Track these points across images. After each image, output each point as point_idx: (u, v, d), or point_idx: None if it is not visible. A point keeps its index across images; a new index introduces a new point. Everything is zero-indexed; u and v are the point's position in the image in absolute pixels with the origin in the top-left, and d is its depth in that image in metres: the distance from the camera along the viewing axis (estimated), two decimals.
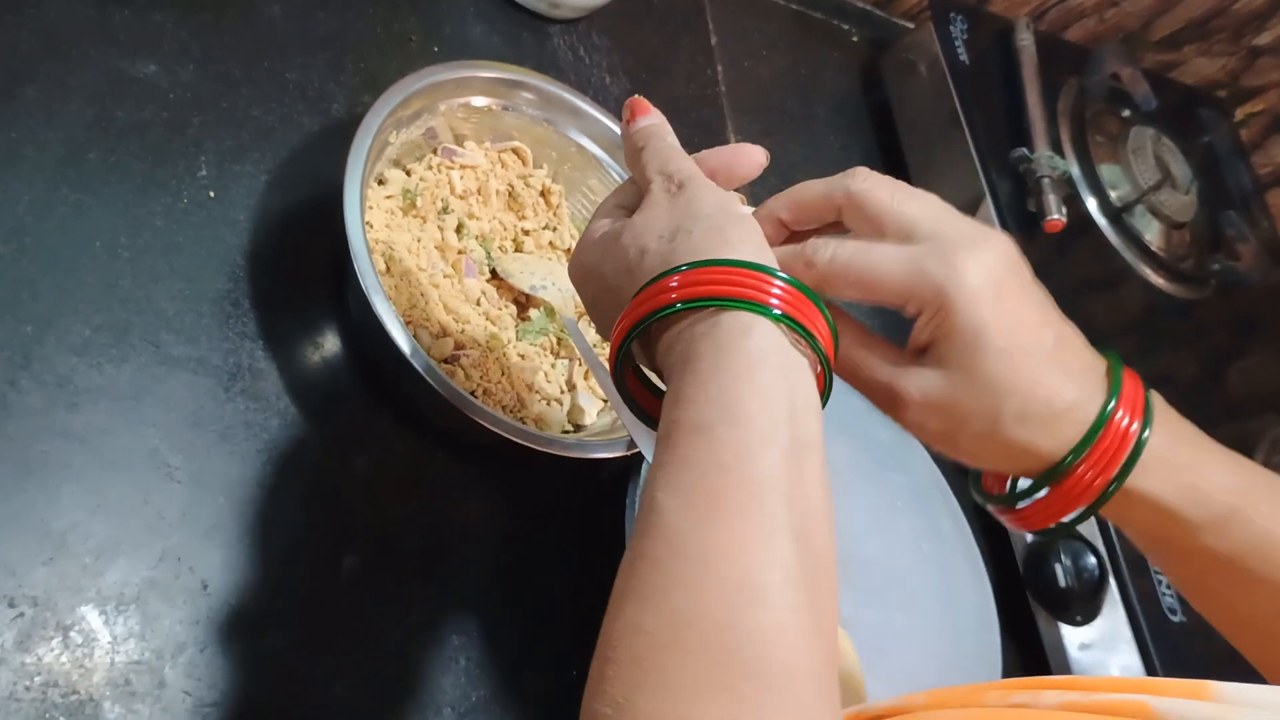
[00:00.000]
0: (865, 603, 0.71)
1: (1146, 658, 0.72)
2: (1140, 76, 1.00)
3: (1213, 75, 1.13)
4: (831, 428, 0.76)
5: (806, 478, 0.36)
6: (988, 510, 0.47)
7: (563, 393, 0.65)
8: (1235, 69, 1.12)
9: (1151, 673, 0.72)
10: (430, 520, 0.60)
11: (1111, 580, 0.74)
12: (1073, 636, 0.76)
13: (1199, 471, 0.42)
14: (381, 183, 0.64)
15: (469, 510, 0.62)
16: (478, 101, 0.67)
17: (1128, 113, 1.00)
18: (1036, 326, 0.41)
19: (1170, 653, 0.72)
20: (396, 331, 0.54)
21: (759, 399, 0.37)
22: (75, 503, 0.50)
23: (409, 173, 0.66)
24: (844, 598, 0.70)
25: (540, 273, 0.66)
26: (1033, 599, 0.78)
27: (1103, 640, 0.74)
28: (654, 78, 0.84)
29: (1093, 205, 0.93)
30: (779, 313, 0.38)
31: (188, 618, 0.51)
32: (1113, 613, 0.74)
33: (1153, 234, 0.94)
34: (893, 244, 0.41)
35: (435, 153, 0.67)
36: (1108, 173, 0.94)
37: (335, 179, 0.56)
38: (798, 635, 0.32)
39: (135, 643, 0.50)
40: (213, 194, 0.60)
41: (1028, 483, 0.44)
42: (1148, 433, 0.41)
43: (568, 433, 0.64)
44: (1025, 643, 0.78)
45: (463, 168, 0.67)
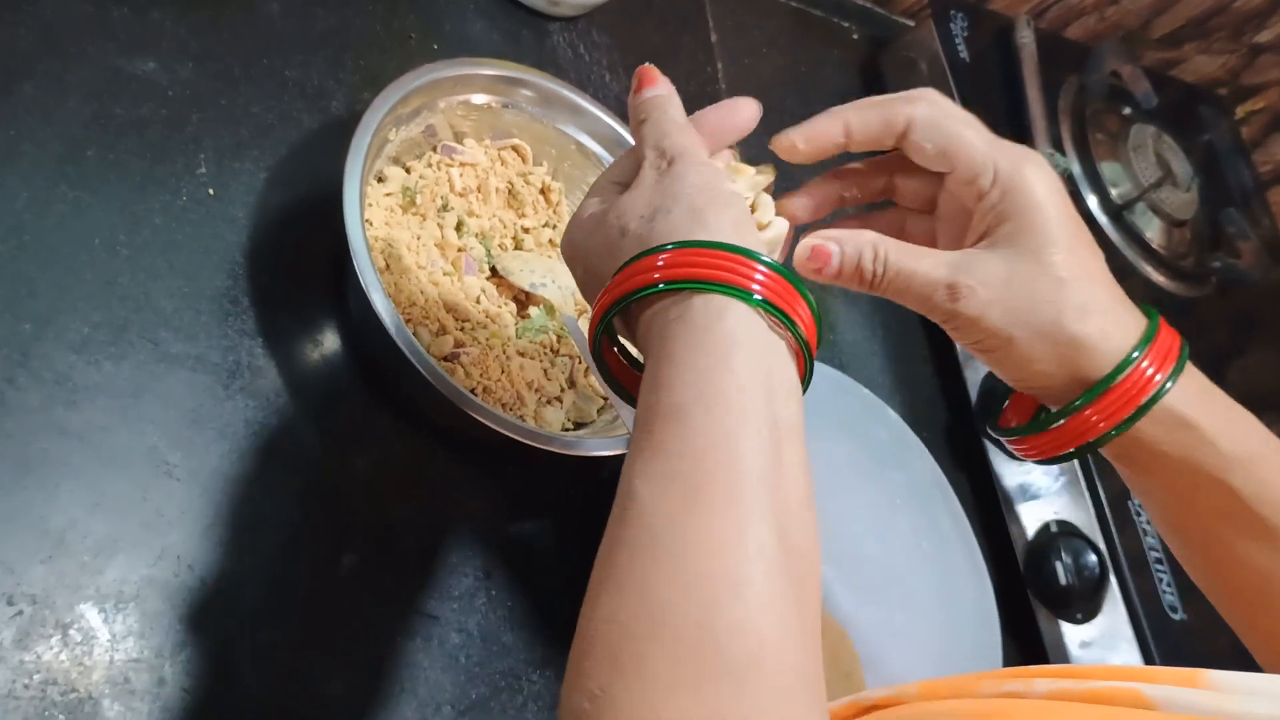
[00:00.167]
0: (865, 601, 0.71)
1: (1147, 655, 0.72)
2: (1141, 74, 1.00)
3: (1213, 73, 1.13)
4: (832, 427, 0.77)
5: (786, 461, 0.36)
6: (1002, 445, 0.48)
7: (563, 390, 0.65)
8: (1236, 67, 1.12)
9: None
10: (430, 518, 0.60)
11: (1112, 578, 0.74)
12: (1073, 634, 0.76)
13: (1235, 414, 0.43)
14: (381, 180, 0.64)
15: (469, 508, 0.62)
16: (477, 99, 0.67)
17: (1128, 110, 1.00)
18: (1089, 235, 0.43)
19: (1171, 650, 0.72)
20: (396, 329, 0.54)
21: (736, 382, 0.36)
22: (74, 500, 0.50)
23: (409, 170, 0.65)
24: (844, 596, 0.70)
25: (540, 270, 0.66)
26: (1033, 596, 0.78)
27: (1103, 638, 0.74)
28: None
29: (1093, 203, 0.93)
30: (759, 298, 0.38)
31: (187, 616, 0.51)
32: (1113, 610, 0.74)
33: (1153, 232, 0.94)
34: (976, 127, 0.44)
35: (435, 150, 0.67)
36: (1108, 170, 0.94)
37: (335, 176, 0.55)
38: (778, 627, 0.32)
39: (134, 641, 0.49)
40: (212, 191, 0.60)
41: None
42: (1170, 384, 0.42)
43: (568, 430, 0.64)
44: (1026, 640, 0.78)
45: (462, 165, 0.67)
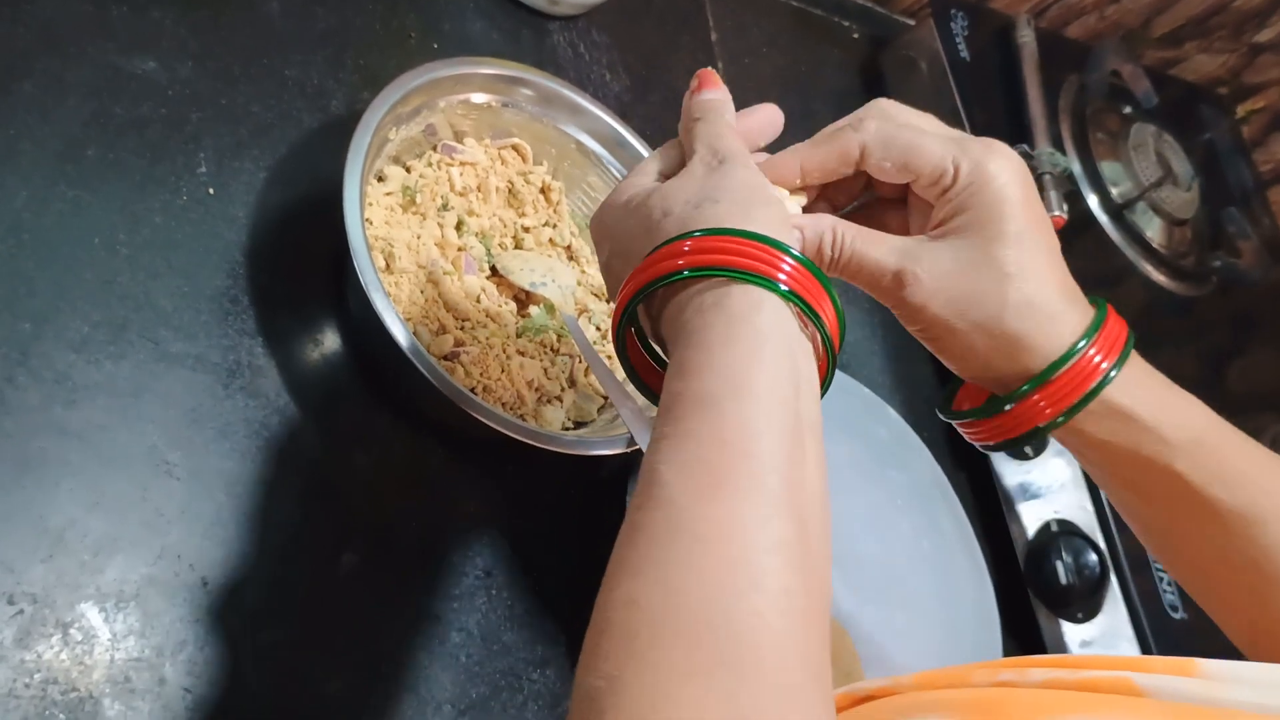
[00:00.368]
0: (866, 600, 0.71)
1: (1147, 654, 0.72)
2: (1141, 73, 1.00)
3: (1214, 72, 1.13)
4: (832, 427, 0.76)
5: (808, 458, 0.36)
6: (953, 426, 0.49)
7: (563, 390, 0.65)
8: (1236, 66, 1.12)
9: None
10: (430, 517, 0.60)
11: (1112, 577, 0.74)
12: (1074, 633, 0.76)
13: (1175, 400, 0.44)
14: (381, 179, 0.64)
15: (469, 507, 0.62)
16: (477, 98, 0.67)
17: (1129, 109, 1.00)
18: (1049, 230, 0.44)
19: (1171, 649, 0.72)
20: (396, 328, 0.54)
21: (766, 376, 0.37)
22: (74, 500, 0.50)
23: (409, 169, 0.65)
24: (845, 595, 0.70)
25: (540, 269, 0.66)
26: (1034, 596, 0.78)
27: (1104, 637, 0.74)
28: (654, 74, 0.84)
29: (1094, 202, 0.93)
30: (786, 289, 0.38)
31: (187, 615, 0.51)
32: (1114, 609, 0.74)
33: (1154, 231, 0.94)
34: (934, 130, 0.45)
35: (435, 149, 0.67)
36: (1109, 169, 0.94)
37: (335, 176, 0.55)
38: (792, 618, 0.32)
39: (135, 640, 0.49)
40: (212, 191, 0.60)
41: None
42: (1115, 372, 0.42)
43: (567, 430, 0.64)
44: (1026, 640, 0.78)
45: (462, 164, 0.67)
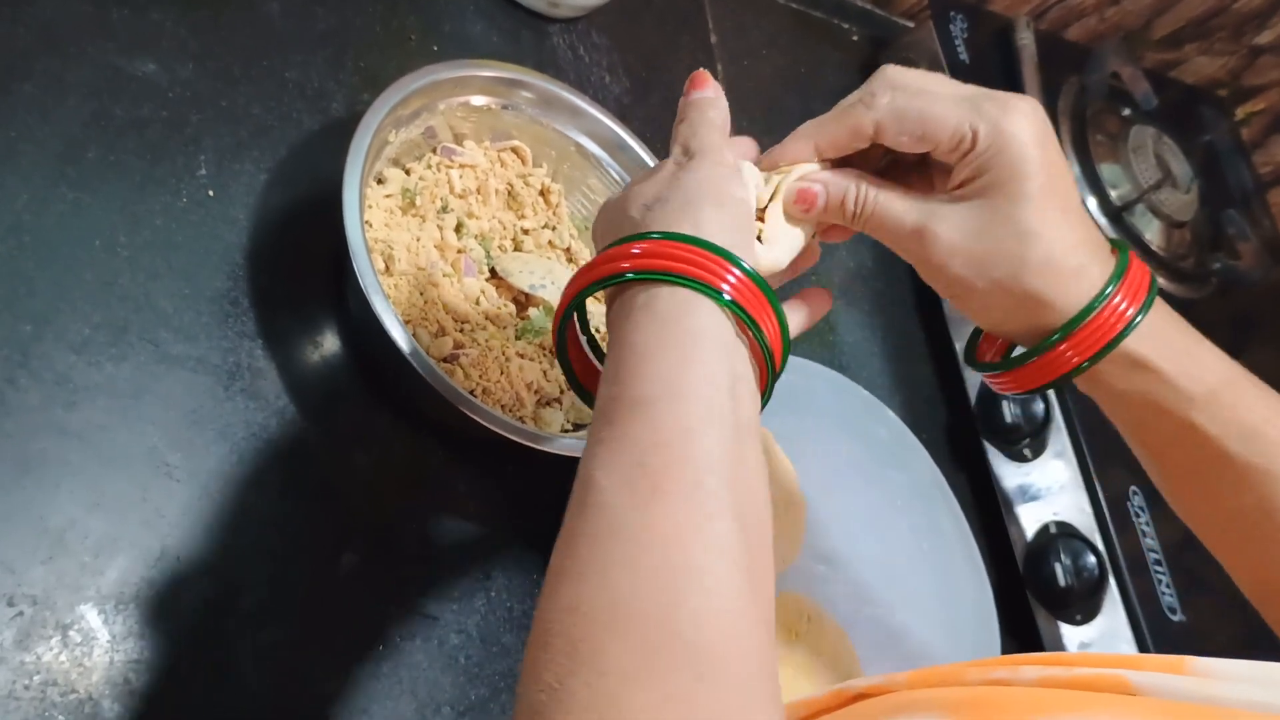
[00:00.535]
0: (865, 602, 0.71)
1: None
2: (1141, 75, 1.00)
3: (1213, 74, 1.13)
4: (831, 427, 0.77)
5: (747, 459, 0.36)
6: (980, 374, 0.49)
7: (562, 392, 0.65)
8: (1236, 68, 1.12)
9: None
10: (429, 519, 0.60)
11: (1111, 579, 0.74)
12: (1072, 635, 0.76)
13: (1194, 349, 0.44)
14: (381, 182, 0.64)
15: (468, 509, 0.62)
16: (477, 100, 0.67)
17: (1128, 111, 1.00)
18: (1069, 184, 0.43)
19: (1169, 651, 0.72)
20: (396, 330, 0.54)
21: (701, 377, 0.36)
22: (74, 500, 0.50)
23: (408, 172, 0.65)
24: (844, 596, 0.70)
25: (539, 271, 0.66)
26: (1032, 597, 0.78)
27: (1102, 639, 0.74)
28: (654, 76, 0.84)
29: (1093, 204, 0.93)
30: (729, 299, 0.38)
31: (187, 616, 0.51)
32: (1112, 611, 0.74)
33: (1153, 233, 0.94)
34: (948, 93, 0.44)
35: (434, 152, 0.67)
36: (1108, 171, 0.94)
37: (334, 177, 0.55)
38: (737, 620, 0.32)
39: (134, 641, 0.49)
40: (212, 192, 0.60)
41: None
42: (1140, 318, 0.43)
43: (567, 432, 0.64)
44: (1025, 641, 0.78)
45: (462, 166, 0.67)
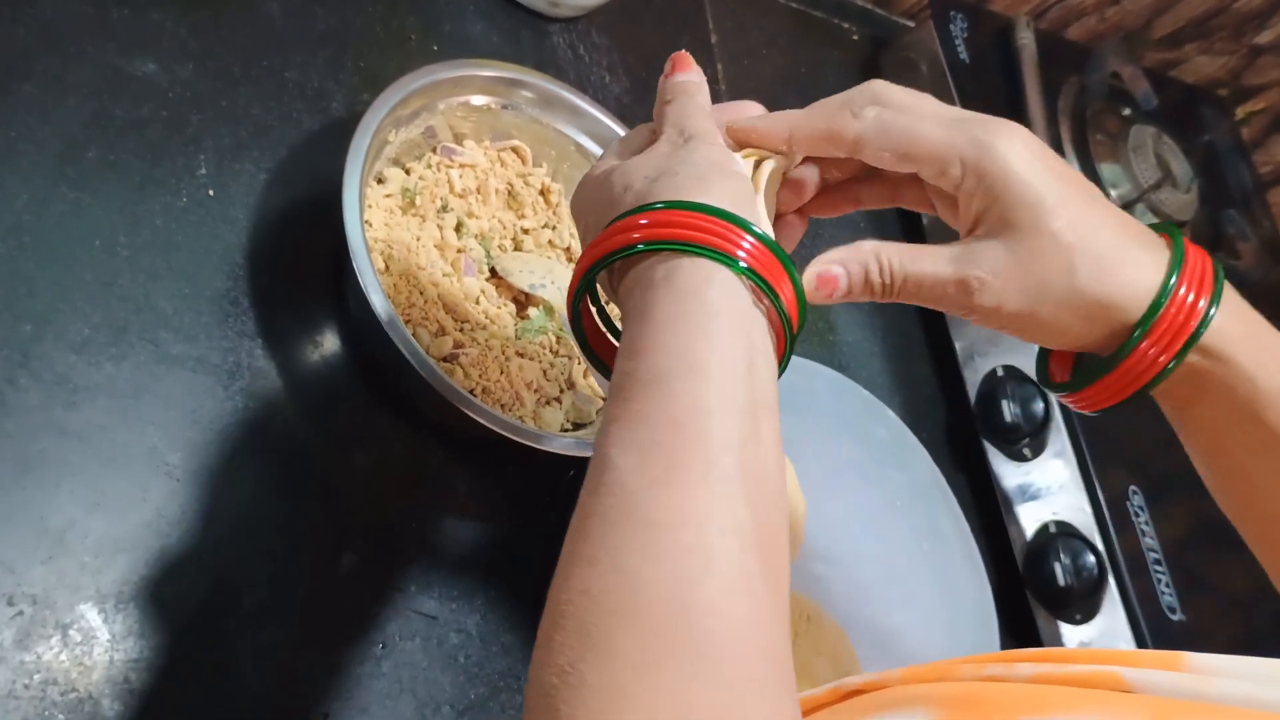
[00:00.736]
0: (865, 601, 0.71)
1: None
2: (1141, 75, 1.00)
3: (1213, 74, 1.13)
4: (831, 428, 0.77)
5: (762, 438, 0.35)
6: (1056, 399, 0.46)
7: (561, 391, 0.65)
8: (1236, 67, 1.12)
9: None
10: (429, 518, 0.60)
11: (1110, 579, 0.74)
12: (1072, 635, 0.76)
13: (1270, 340, 0.41)
14: (381, 181, 0.64)
15: (468, 508, 0.62)
16: (477, 100, 0.67)
17: (1128, 111, 1.00)
18: (1083, 182, 0.42)
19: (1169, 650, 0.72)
20: (395, 330, 0.54)
21: (718, 352, 0.35)
22: (74, 500, 0.50)
23: (408, 171, 0.66)
24: (844, 596, 0.70)
25: (539, 271, 0.66)
26: (1032, 597, 0.78)
27: (1102, 638, 0.74)
28: (654, 76, 0.84)
29: None
30: (744, 265, 0.37)
31: (187, 615, 0.51)
32: (1112, 611, 0.74)
33: None
34: (932, 114, 0.42)
35: (434, 151, 0.67)
36: (1108, 171, 0.94)
37: (334, 177, 0.56)
38: (750, 604, 0.31)
39: (134, 640, 0.50)
40: (212, 192, 0.60)
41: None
42: (1214, 310, 0.40)
43: (566, 431, 0.64)
44: (1024, 640, 0.78)
45: (462, 166, 0.67)
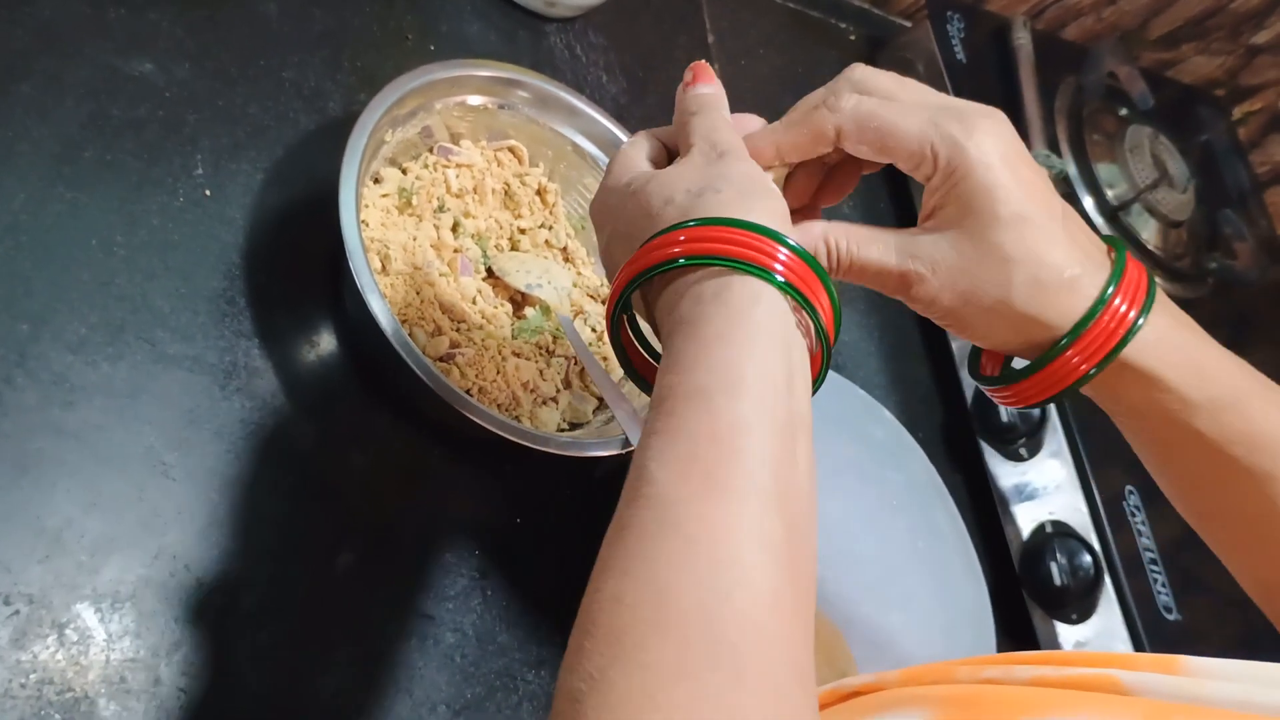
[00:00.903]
0: (861, 601, 0.71)
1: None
2: (1137, 75, 1.00)
3: (1210, 74, 1.13)
4: (828, 428, 0.77)
5: (799, 456, 0.36)
6: (982, 390, 0.48)
7: (558, 391, 0.65)
8: (1233, 67, 1.12)
9: None
10: (426, 517, 0.60)
11: (1107, 578, 0.75)
12: (1068, 634, 0.76)
13: (1198, 354, 0.43)
14: (377, 181, 0.64)
15: (465, 508, 0.62)
16: (474, 100, 0.67)
17: (1125, 111, 1.00)
18: (1046, 196, 0.42)
19: (1165, 650, 0.72)
20: (392, 330, 0.54)
21: (761, 371, 0.36)
22: (70, 500, 0.51)
23: (405, 171, 0.66)
24: (840, 596, 0.70)
25: (536, 271, 0.66)
26: (1028, 597, 0.78)
27: (1098, 638, 0.74)
28: (651, 76, 0.84)
29: (1089, 204, 0.93)
30: (782, 280, 0.38)
31: (183, 615, 0.51)
32: (1108, 610, 0.74)
33: (1150, 233, 0.94)
34: (913, 103, 0.42)
35: (431, 151, 0.67)
36: (1105, 171, 0.94)
37: (331, 177, 0.56)
38: (780, 620, 0.32)
39: (131, 640, 0.50)
40: (208, 192, 0.60)
41: (1021, 363, 0.45)
42: (1142, 321, 0.41)
43: (563, 431, 0.64)
44: (1021, 640, 0.78)
45: (459, 166, 0.67)
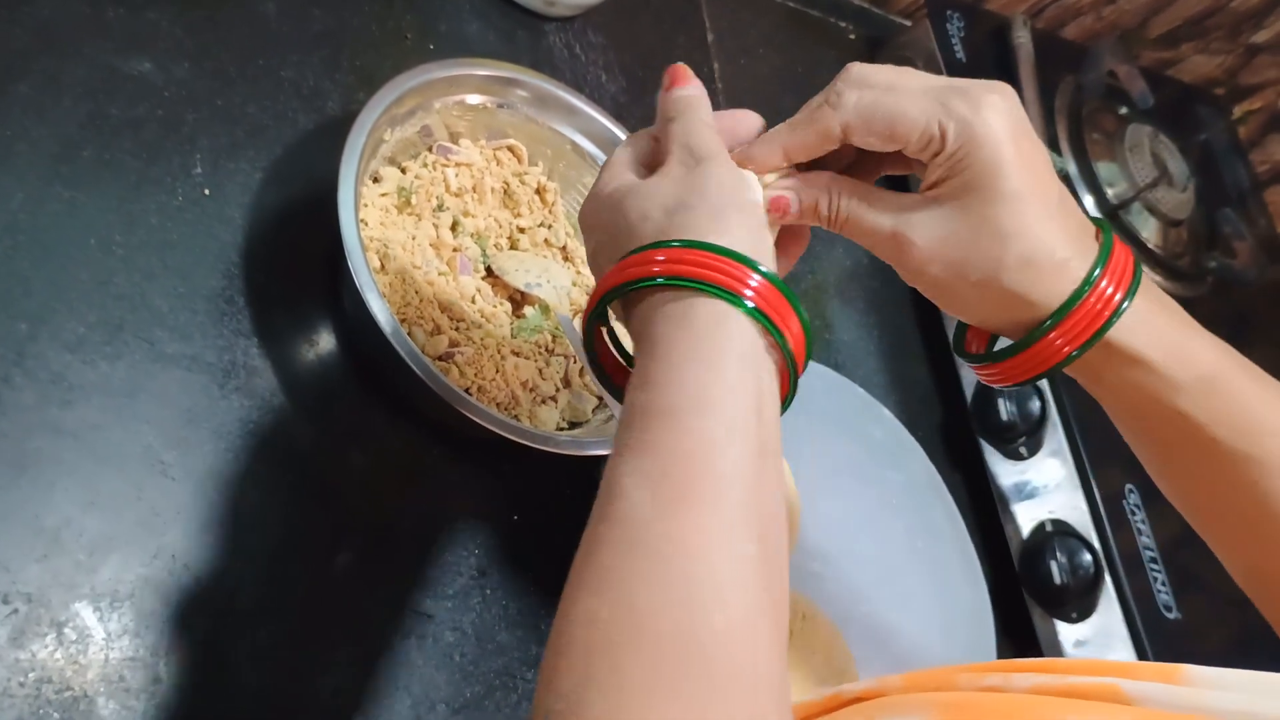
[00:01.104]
0: (860, 600, 0.71)
1: (1141, 654, 0.72)
2: (1137, 74, 1.00)
3: (1210, 73, 1.13)
4: (830, 427, 0.77)
5: (767, 478, 0.36)
6: (968, 366, 0.48)
7: (557, 390, 0.65)
8: (1233, 66, 1.12)
9: None
10: (425, 517, 0.60)
11: (1107, 577, 0.74)
12: (1068, 633, 0.76)
13: (1182, 336, 0.43)
14: (376, 180, 0.64)
15: (464, 507, 0.62)
16: (473, 99, 0.67)
17: (1125, 110, 1.00)
18: (1046, 178, 0.42)
19: (1165, 649, 0.72)
20: (391, 329, 0.54)
21: (729, 391, 0.36)
22: (69, 499, 0.51)
23: (404, 170, 0.66)
24: (838, 595, 0.70)
25: (535, 270, 0.66)
26: (1028, 596, 0.78)
27: (1098, 637, 0.74)
28: (650, 75, 0.84)
29: (1089, 203, 0.93)
30: (751, 305, 0.38)
31: (182, 614, 0.51)
32: (1108, 609, 0.74)
33: (1149, 231, 0.94)
34: (916, 88, 0.42)
35: (430, 150, 0.67)
36: (1104, 170, 0.94)
37: (330, 176, 0.56)
38: (754, 638, 0.32)
39: (129, 639, 0.50)
40: (207, 191, 0.60)
41: (1005, 342, 0.45)
42: (1127, 304, 0.42)
43: (562, 430, 0.64)
44: (1021, 640, 0.78)
45: (458, 165, 0.67)
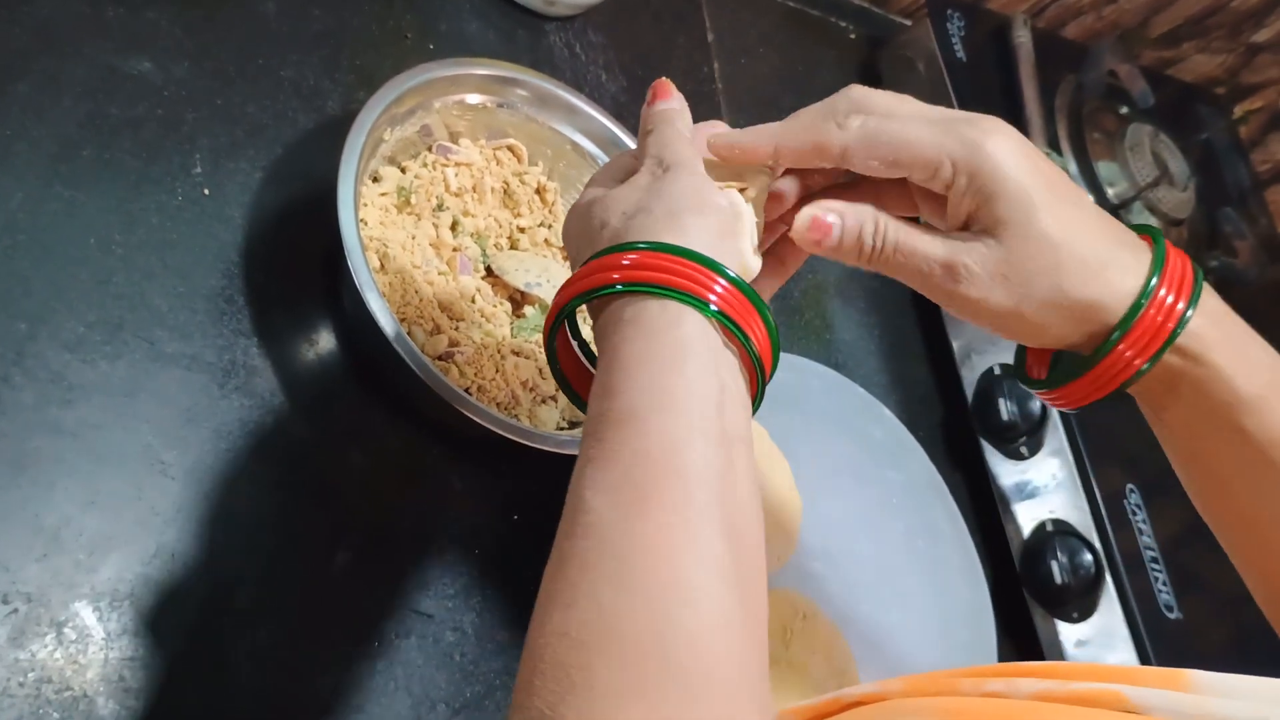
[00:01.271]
0: (860, 599, 0.71)
1: (1143, 654, 0.72)
2: (1138, 73, 1.00)
3: (1211, 72, 1.13)
4: (829, 427, 0.77)
5: (736, 470, 0.35)
6: (1034, 394, 0.47)
7: (557, 390, 0.65)
8: (1234, 66, 1.12)
9: None
10: (424, 516, 0.60)
11: (1108, 577, 0.74)
12: (1069, 633, 0.76)
13: (1247, 345, 0.42)
14: (376, 180, 0.64)
15: (463, 507, 0.62)
16: (473, 99, 0.67)
17: (1125, 109, 1.00)
18: (1069, 184, 0.42)
19: (1166, 649, 0.72)
20: (390, 328, 0.54)
21: (687, 388, 0.36)
22: (69, 499, 0.50)
23: (404, 170, 0.66)
24: (839, 594, 0.70)
25: (535, 270, 0.66)
26: (1029, 595, 0.78)
27: (1099, 637, 0.74)
28: (650, 74, 0.84)
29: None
30: (715, 309, 0.38)
31: (182, 614, 0.51)
32: (1109, 609, 0.74)
33: None
34: (917, 116, 0.42)
35: (430, 150, 0.67)
36: (1105, 170, 0.94)
37: (329, 176, 0.56)
38: (728, 637, 0.31)
39: (129, 639, 0.50)
40: (207, 191, 0.60)
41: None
42: (1191, 312, 0.40)
43: (562, 429, 0.64)
44: (1021, 639, 0.78)
45: (458, 165, 0.67)
